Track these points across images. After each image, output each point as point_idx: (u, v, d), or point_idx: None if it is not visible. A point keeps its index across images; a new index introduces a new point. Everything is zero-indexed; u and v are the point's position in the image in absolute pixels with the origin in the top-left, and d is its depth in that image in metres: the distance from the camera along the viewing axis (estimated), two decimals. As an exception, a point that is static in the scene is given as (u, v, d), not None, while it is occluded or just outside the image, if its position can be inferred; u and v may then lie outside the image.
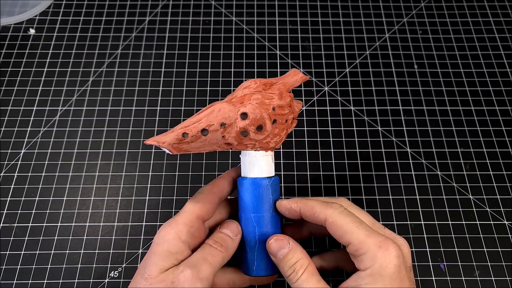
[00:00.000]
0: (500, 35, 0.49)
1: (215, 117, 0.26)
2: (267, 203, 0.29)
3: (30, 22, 0.50)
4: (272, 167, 0.30)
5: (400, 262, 0.25)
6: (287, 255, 0.28)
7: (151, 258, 0.27)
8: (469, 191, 0.40)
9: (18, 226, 0.38)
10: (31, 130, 0.43)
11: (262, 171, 0.29)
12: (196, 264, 0.26)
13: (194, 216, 0.28)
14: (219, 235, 0.29)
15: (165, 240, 0.27)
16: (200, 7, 0.51)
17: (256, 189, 0.29)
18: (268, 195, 0.29)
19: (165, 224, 0.28)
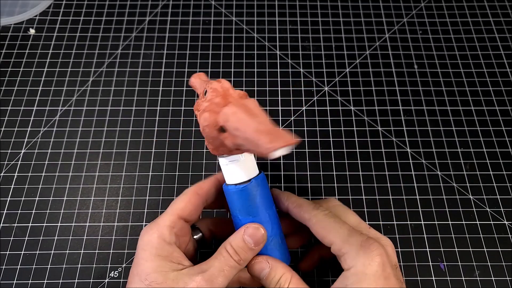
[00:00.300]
0: (500, 35, 0.49)
1: None
2: (254, 206, 0.28)
3: (30, 22, 0.50)
4: (251, 169, 0.29)
5: (383, 260, 0.25)
6: (270, 274, 0.28)
7: (143, 265, 0.26)
8: (469, 191, 0.40)
9: (18, 226, 0.38)
10: (31, 130, 0.43)
11: (240, 177, 0.28)
12: (212, 276, 0.26)
13: (175, 217, 0.28)
14: (241, 244, 0.27)
15: (151, 245, 0.26)
16: (200, 7, 0.51)
17: (239, 196, 0.28)
18: (256, 196, 0.28)
19: (147, 228, 0.28)
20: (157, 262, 0.26)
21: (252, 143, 0.24)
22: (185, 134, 0.43)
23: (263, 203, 0.29)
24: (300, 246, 0.34)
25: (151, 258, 0.26)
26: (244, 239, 0.27)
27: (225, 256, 0.27)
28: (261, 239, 0.28)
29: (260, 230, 0.28)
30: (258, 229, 0.28)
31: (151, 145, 0.42)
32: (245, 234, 0.27)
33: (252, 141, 0.24)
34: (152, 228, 0.27)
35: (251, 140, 0.24)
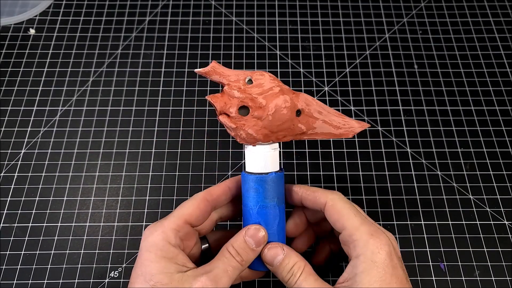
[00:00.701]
0: (500, 35, 0.49)
1: None
2: (270, 198, 0.29)
3: (30, 22, 0.50)
4: (274, 162, 0.30)
5: (391, 249, 0.26)
6: (283, 261, 0.28)
7: (148, 266, 0.26)
8: (469, 191, 0.40)
9: (18, 226, 0.38)
10: (31, 130, 0.43)
11: (269, 165, 0.29)
12: (216, 276, 0.26)
13: (182, 221, 0.28)
14: (242, 246, 0.28)
15: (156, 247, 0.26)
16: (200, 7, 0.51)
17: (261, 183, 0.29)
18: (273, 188, 0.29)
19: (151, 229, 0.27)
20: (162, 263, 0.26)
21: (332, 124, 0.30)
22: (185, 134, 0.43)
23: (280, 196, 0.29)
24: (307, 247, 0.34)
25: (156, 260, 0.26)
26: (246, 240, 0.28)
27: (228, 257, 0.27)
28: (262, 240, 0.28)
29: (261, 231, 0.28)
30: (259, 230, 0.28)
31: (151, 145, 0.42)
32: (246, 235, 0.28)
33: (336, 122, 0.30)
34: (157, 229, 0.27)
35: (335, 121, 0.30)
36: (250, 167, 0.29)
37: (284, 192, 0.30)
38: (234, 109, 0.28)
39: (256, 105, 0.27)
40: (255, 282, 0.35)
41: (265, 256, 0.28)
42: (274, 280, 0.36)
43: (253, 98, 0.27)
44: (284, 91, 0.28)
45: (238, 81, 0.28)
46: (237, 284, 0.35)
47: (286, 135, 0.29)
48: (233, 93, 0.28)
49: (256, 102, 0.27)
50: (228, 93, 0.28)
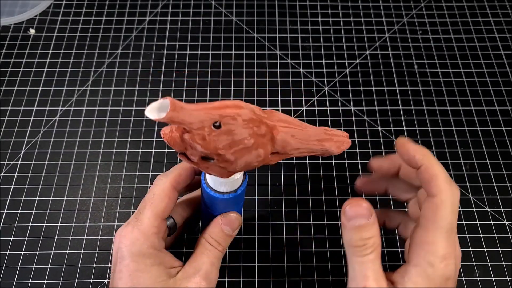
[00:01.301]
0: (500, 35, 0.49)
1: None
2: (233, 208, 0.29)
3: (30, 22, 0.50)
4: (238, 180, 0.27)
5: (451, 274, 0.24)
6: (365, 227, 0.24)
7: (140, 277, 0.25)
8: (469, 191, 0.40)
9: (18, 226, 0.38)
10: (31, 130, 0.43)
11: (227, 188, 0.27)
12: (207, 272, 0.27)
13: (159, 221, 0.27)
14: (220, 234, 0.28)
15: (143, 256, 0.25)
16: (200, 7, 0.51)
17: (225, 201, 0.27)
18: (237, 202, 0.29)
19: (132, 238, 0.26)
20: (154, 273, 0.25)
21: (309, 151, 0.27)
22: (185, 134, 0.43)
23: (239, 203, 0.30)
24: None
25: (147, 269, 0.25)
26: (223, 229, 0.28)
27: (211, 249, 0.28)
28: (237, 224, 0.29)
29: (234, 216, 0.29)
30: (233, 216, 0.29)
31: (151, 145, 0.42)
32: (223, 224, 0.29)
33: (317, 151, 0.27)
34: (138, 238, 0.26)
35: (315, 150, 0.27)
36: (213, 186, 0.27)
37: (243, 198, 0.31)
38: (196, 158, 0.23)
39: (222, 159, 0.23)
40: (255, 282, 0.35)
41: (347, 212, 0.25)
42: (274, 281, 0.36)
43: (219, 153, 0.22)
44: (259, 144, 0.23)
45: (202, 128, 0.21)
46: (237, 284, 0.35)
47: (253, 167, 0.25)
48: (195, 146, 0.22)
49: (223, 157, 0.23)
50: (191, 144, 0.22)
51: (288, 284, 0.35)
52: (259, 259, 0.36)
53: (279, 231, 0.38)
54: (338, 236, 0.37)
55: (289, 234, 0.38)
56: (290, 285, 0.35)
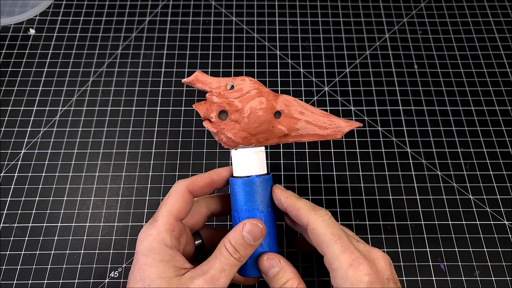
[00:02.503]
0: (500, 35, 0.49)
1: None
2: (254, 202, 0.29)
3: (30, 22, 0.50)
4: (264, 164, 0.30)
5: (372, 279, 0.25)
6: (278, 274, 0.28)
7: (147, 271, 0.26)
8: (469, 191, 0.40)
9: (18, 226, 0.38)
10: (31, 130, 0.43)
11: (252, 169, 0.29)
12: (214, 277, 0.26)
13: (173, 220, 0.27)
14: (240, 241, 0.27)
15: (154, 251, 0.26)
16: (200, 7, 0.51)
17: (243, 187, 0.29)
18: (258, 192, 0.29)
19: (145, 233, 0.27)
20: (160, 268, 0.26)
21: (317, 125, 0.30)
22: (185, 134, 0.43)
23: (267, 200, 0.29)
24: None
25: (154, 264, 0.26)
26: (243, 236, 0.27)
27: (225, 255, 0.26)
28: (259, 234, 0.27)
29: (258, 225, 0.27)
30: (257, 225, 0.27)
31: (151, 145, 0.42)
32: (244, 231, 0.27)
33: (321, 122, 0.30)
34: (151, 233, 0.27)
35: (320, 121, 0.30)
36: (234, 171, 0.30)
37: (270, 197, 0.30)
38: (214, 114, 0.29)
39: (233, 108, 0.28)
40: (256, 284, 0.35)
41: (262, 264, 0.28)
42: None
43: (230, 102, 0.28)
44: (262, 93, 0.28)
45: (219, 87, 0.29)
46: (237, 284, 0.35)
47: (268, 137, 0.29)
48: (212, 99, 0.29)
49: (233, 105, 0.28)
50: (209, 100, 0.29)
51: (288, 284, 0.35)
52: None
53: (279, 231, 0.38)
54: (338, 236, 0.37)
55: (289, 234, 0.38)
56: (290, 285, 0.35)
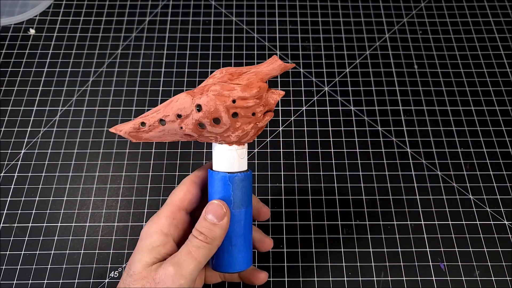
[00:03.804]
0: (500, 35, 0.49)
1: (171, 108, 0.27)
2: (227, 199, 0.28)
3: (30, 22, 0.50)
4: (238, 162, 0.28)
5: None
6: None
7: (136, 255, 0.27)
8: (469, 191, 0.40)
9: (18, 226, 0.38)
10: (31, 130, 0.43)
11: (223, 165, 0.28)
12: (179, 260, 0.26)
13: (175, 208, 0.28)
14: (204, 224, 0.27)
15: (148, 235, 0.27)
16: (200, 7, 0.51)
17: (215, 182, 0.28)
18: (228, 191, 0.28)
19: (149, 220, 0.28)
20: (144, 253, 0.26)
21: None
22: (185, 134, 0.43)
23: (245, 198, 0.29)
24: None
25: (142, 248, 0.27)
26: (206, 218, 0.27)
27: (191, 240, 0.27)
28: (222, 213, 0.27)
29: (219, 204, 0.27)
30: (218, 204, 0.27)
31: (151, 145, 0.42)
32: (206, 213, 0.27)
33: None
34: (153, 219, 0.28)
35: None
36: (214, 165, 0.29)
37: (251, 195, 0.30)
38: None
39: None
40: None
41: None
42: (274, 281, 0.36)
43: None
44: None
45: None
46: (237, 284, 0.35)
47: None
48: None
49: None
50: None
51: (288, 284, 0.35)
52: (259, 259, 0.36)
53: (279, 231, 0.38)
54: (338, 236, 0.37)
55: (289, 234, 0.38)
56: (290, 285, 0.35)
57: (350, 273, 0.36)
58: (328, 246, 0.37)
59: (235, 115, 0.27)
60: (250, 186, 0.29)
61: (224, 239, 0.28)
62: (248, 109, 0.27)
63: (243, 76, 0.28)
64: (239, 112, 0.27)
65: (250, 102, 0.27)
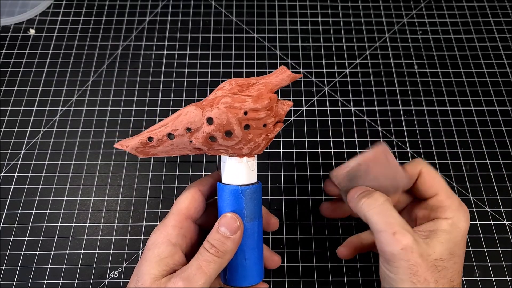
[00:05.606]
0: (500, 35, 0.49)
1: (180, 121, 0.26)
2: (240, 212, 0.27)
3: (30, 22, 0.50)
4: (249, 175, 0.28)
5: (469, 224, 0.28)
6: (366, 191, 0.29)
7: (143, 266, 0.26)
8: (469, 191, 0.40)
9: (18, 227, 0.38)
10: (31, 130, 0.43)
11: (235, 178, 0.28)
12: (189, 275, 0.25)
13: (182, 217, 0.28)
14: (216, 236, 0.26)
15: (155, 245, 0.27)
16: (200, 7, 0.51)
17: (227, 196, 0.28)
18: (241, 204, 0.27)
19: (155, 229, 0.28)
20: (152, 264, 0.26)
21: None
22: (185, 134, 0.43)
23: (257, 210, 0.28)
24: None
25: (150, 259, 0.26)
26: (219, 230, 0.27)
27: (202, 253, 0.26)
28: (236, 227, 0.27)
29: (235, 219, 0.27)
30: (233, 218, 0.27)
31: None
32: (219, 226, 0.27)
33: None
34: (159, 228, 0.28)
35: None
36: (223, 177, 0.29)
37: (261, 207, 0.29)
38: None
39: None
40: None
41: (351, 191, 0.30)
42: (274, 281, 0.36)
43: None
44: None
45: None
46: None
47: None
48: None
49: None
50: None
51: (288, 284, 0.35)
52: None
53: (279, 231, 0.38)
54: (338, 236, 0.37)
55: (289, 234, 0.38)
56: (290, 285, 0.35)
57: (350, 273, 0.36)
58: (328, 246, 0.37)
59: (247, 127, 0.26)
60: (261, 197, 0.29)
61: (238, 253, 0.27)
62: (260, 121, 0.26)
63: (252, 87, 0.27)
64: (251, 124, 0.26)
65: (261, 114, 0.26)
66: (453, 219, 0.28)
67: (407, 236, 0.26)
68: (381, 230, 0.26)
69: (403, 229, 0.26)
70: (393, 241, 0.26)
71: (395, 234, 0.26)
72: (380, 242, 0.26)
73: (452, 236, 0.27)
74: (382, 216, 0.27)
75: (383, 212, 0.27)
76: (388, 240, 0.26)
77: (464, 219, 0.28)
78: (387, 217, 0.27)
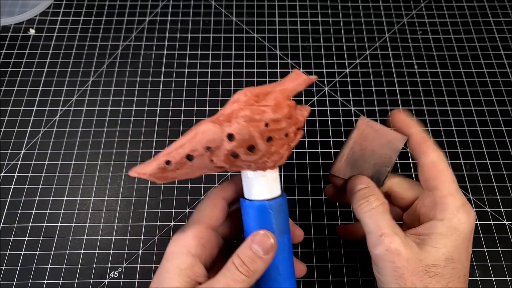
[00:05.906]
0: (500, 35, 0.49)
1: (198, 141, 0.24)
2: (269, 228, 0.26)
3: (30, 22, 0.50)
4: (273, 188, 0.27)
5: (473, 226, 0.27)
6: (366, 188, 0.28)
7: (164, 277, 0.25)
8: (469, 191, 0.40)
9: (18, 227, 0.38)
10: (31, 130, 0.43)
11: (260, 193, 0.26)
12: None
13: (203, 226, 0.26)
14: (248, 253, 0.25)
15: (174, 255, 0.26)
16: (200, 7, 0.51)
17: (254, 213, 0.26)
18: (270, 220, 0.26)
19: (174, 237, 0.26)
20: (174, 276, 0.25)
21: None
22: (185, 134, 0.43)
23: (286, 224, 0.27)
24: None
25: (170, 270, 0.25)
26: (252, 248, 0.25)
27: (231, 270, 0.25)
28: (270, 247, 0.25)
29: (268, 236, 0.25)
30: (267, 236, 0.25)
31: (151, 145, 0.42)
32: (253, 243, 0.25)
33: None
34: (180, 237, 0.26)
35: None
36: (245, 193, 0.27)
37: (288, 219, 0.28)
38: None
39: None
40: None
41: (350, 183, 0.29)
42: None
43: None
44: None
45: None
46: None
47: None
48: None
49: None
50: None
51: (288, 284, 0.35)
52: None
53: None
54: (338, 236, 0.37)
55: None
56: (290, 285, 0.35)
57: (350, 273, 0.36)
58: (328, 246, 0.37)
59: (270, 139, 0.25)
60: (287, 209, 0.28)
61: (271, 269, 0.26)
62: (281, 131, 0.25)
63: (269, 96, 0.25)
64: (273, 135, 0.25)
65: (283, 123, 0.25)
66: (452, 221, 0.26)
67: (394, 238, 0.25)
68: (369, 232, 0.26)
69: (391, 232, 0.25)
70: (378, 242, 0.25)
71: (381, 236, 0.25)
72: (369, 243, 0.26)
73: (450, 240, 0.25)
74: (373, 219, 0.27)
75: (375, 216, 0.27)
76: (375, 241, 0.26)
77: (466, 221, 0.26)
78: (378, 220, 0.26)
